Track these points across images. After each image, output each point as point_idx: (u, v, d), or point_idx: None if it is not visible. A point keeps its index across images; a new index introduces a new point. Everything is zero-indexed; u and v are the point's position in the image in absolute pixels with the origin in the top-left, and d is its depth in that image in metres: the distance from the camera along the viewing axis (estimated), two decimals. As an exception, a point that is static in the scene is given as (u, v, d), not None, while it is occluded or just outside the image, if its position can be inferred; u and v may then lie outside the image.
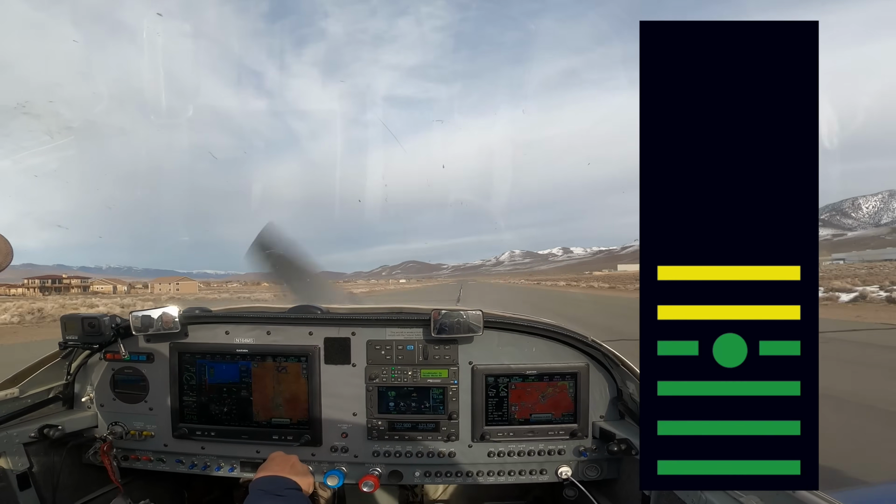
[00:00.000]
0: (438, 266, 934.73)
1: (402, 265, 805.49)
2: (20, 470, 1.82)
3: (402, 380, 2.00)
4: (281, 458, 1.53)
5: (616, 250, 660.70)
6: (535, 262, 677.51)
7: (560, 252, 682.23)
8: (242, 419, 2.02)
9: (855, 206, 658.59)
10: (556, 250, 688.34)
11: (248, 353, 2.01)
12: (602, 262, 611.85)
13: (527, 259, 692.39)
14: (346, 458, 2.00)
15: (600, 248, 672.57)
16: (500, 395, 1.98)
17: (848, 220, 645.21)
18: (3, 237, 1.42)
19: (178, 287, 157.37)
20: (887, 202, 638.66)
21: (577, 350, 1.99)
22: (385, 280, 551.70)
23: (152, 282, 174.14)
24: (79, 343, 1.96)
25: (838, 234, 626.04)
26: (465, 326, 1.87)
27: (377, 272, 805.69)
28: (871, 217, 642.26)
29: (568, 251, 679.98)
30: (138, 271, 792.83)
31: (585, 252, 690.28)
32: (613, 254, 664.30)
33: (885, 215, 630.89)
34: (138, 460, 2.10)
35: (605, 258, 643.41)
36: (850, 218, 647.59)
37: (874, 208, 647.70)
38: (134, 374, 2.08)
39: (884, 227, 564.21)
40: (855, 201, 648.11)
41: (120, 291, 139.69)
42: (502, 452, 1.98)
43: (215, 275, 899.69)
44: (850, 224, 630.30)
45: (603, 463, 1.97)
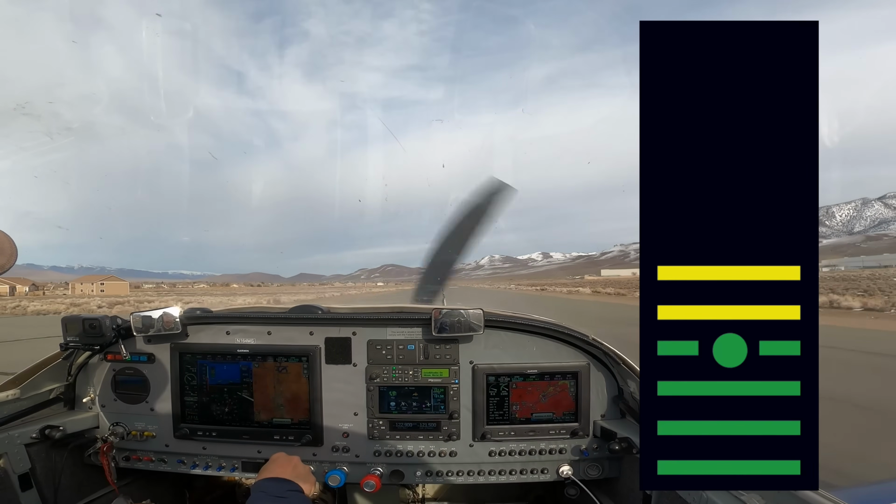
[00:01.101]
0: (417, 270, 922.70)
1: (381, 269, 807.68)
2: (22, 471, 1.82)
3: (403, 379, 2.00)
4: (283, 460, 1.54)
5: (595, 256, 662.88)
6: (514, 267, 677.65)
7: (539, 257, 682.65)
8: (243, 419, 2.02)
9: (829, 215, 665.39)
10: (536, 255, 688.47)
11: (248, 353, 2.01)
12: (582, 267, 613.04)
13: (506, 264, 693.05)
14: (348, 457, 2.00)
15: (580, 254, 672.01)
16: (501, 394, 1.98)
17: (822, 229, 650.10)
18: (8, 237, 1.42)
19: (104, 287, 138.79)
20: (860, 210, 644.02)
21: (578, 349, 2.00)
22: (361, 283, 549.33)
23: (73, 281, 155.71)
24: (80, 344, 1.96)
25: None
26: (465, 325, 1.87)
27: (356, 275, 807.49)
28: (844, 225, 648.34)
29: (548, 256, 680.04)
30: (111, 271, 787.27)
31: (565, 257, 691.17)
32: (593, 259, 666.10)
33: (858, 223, 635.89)
34: (140, 461, 2.11)
35: (585, 263, 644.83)
36: (823, 226, 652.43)
37: (847, 216, 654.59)
38: (135, 374, 2.08)
39: (858, 235, 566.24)
40: (829, 210, 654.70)
41: (20, 292, 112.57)
42: (503, 452, 1.98)
43: (191, 275, 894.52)
44: (825, 232, 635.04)
45: (604, 462, 1.98)
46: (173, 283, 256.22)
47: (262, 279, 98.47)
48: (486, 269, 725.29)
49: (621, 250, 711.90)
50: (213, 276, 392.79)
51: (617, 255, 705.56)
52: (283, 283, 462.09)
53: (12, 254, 1.42)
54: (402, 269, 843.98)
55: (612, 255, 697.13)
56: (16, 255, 1.42)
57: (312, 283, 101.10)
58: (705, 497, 1.25)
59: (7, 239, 1.42)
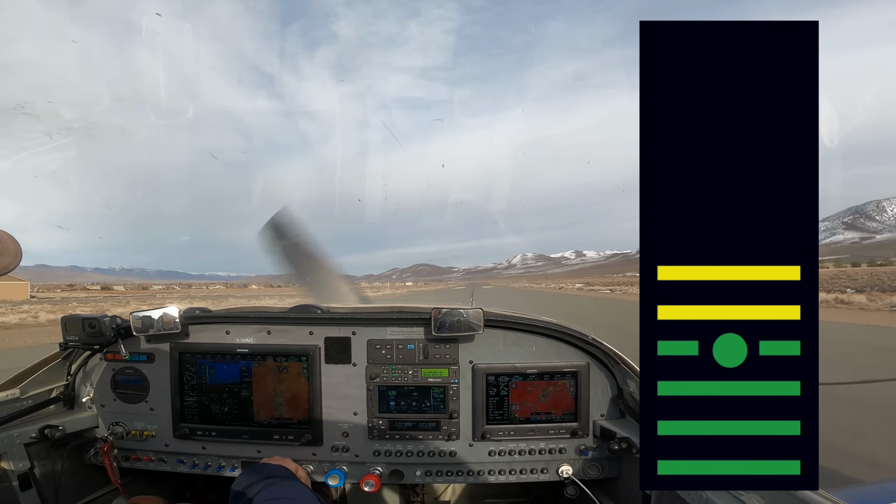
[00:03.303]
0: (449, 269, 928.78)
1: (413, 268, 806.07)
2: (21, 471, 1.82)
3: (403, 379, 2.00)
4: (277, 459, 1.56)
5: (630, 254, 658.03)
6: (547, 266, 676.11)
7: (573, 255, 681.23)
8: (243, 419, 2.02)
9: (879, 209, 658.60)
10: (569, 254, 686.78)
11: (248, 352, 2.01)
12: (617, 265, 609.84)
13: (539, 262, 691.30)
14: (347, 457, 2.01)
15: (614, 252, 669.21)
16: (501, 393, 1.98)
17: (872, 224, 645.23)
18: (12, 237, 1.43)
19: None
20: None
21: (578, 348, 2.00)
22: (392, 283, 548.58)
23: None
24: (79, 344, 1.96)
25: (866, 237, 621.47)
26: (465, 325, 1.88)
27: (387, 275, 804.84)
28: (895, 220, 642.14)
29: (581, 254, 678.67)
30: (151, 273, 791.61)
31: (599, 255, 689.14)
32: (628, 257, 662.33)
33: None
34: (139, 460, 2.11)
35: (620, 262, 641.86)
36: (874, 221, 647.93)
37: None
38: (134, 374, 2.08)
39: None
40: (879, 204, 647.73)
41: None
42: (503, 451, 1.98)
43: (227, 276, 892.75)
44: (875, 227, 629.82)
45: (604, 461, 1.98)
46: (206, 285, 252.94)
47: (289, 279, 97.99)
48: (518, 267, 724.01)
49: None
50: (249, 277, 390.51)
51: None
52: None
53: (17, 254, 1.43)
54: (434, 269, 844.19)
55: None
56: (20, 255, 1.44)
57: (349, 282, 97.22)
58: (705, 497, 1.25)
59: (11, 240, 1.43)
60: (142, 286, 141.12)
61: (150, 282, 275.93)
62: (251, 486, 1.29)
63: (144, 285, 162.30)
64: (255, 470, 1.40)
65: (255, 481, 1.31)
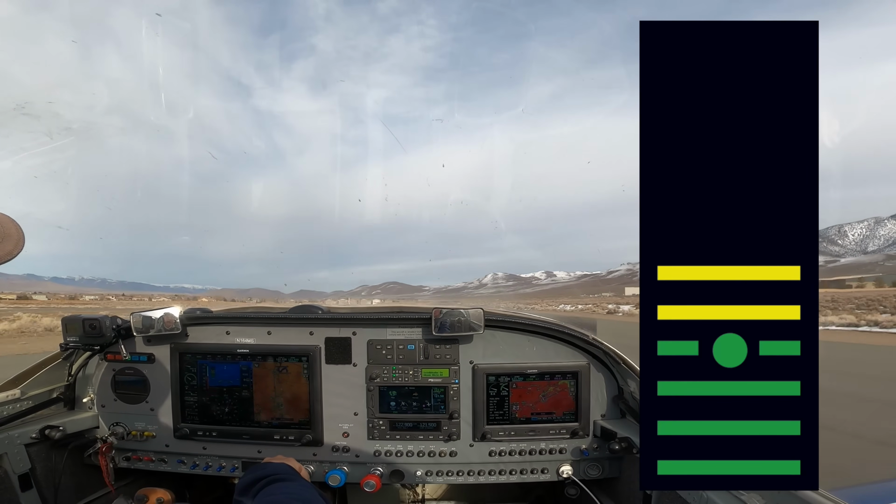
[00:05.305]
0: (420, 288, 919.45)
1: (383, 286, 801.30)
2: (22, 471, 1.82)
3: (403, 379, 2.00)
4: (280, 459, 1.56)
5: (601, 274, 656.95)
6: (518, 286, 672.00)
7: (543, 276, 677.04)
8: (243, 419, 2.02)
9: (841, 234, 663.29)
10: (539, 274, 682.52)
11: (248, 353, 2.01)
12: (588, 286, 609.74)
13: (510, 282, 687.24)
14: (348, 457, 2.00)
15: (584, 273, 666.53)
16: (501, 394, 1.98)
17: (834, 248, 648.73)
18: (15, 222, 1.32)
19: None
20: (873, 229, 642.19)
21: (578, 349, 2.00)
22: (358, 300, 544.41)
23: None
24: (80, 344, 1.97)
25: (830, 260, 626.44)
26: (465, 325, 1.88)
27: (357, 291, 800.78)
28: (857, 244, 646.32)
29: (551, 275, 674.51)
30: (112, 283, 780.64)
31: (569, 276, 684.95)
32: (599, 278, 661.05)
33: (871, 243, 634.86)
34: (140, 461, 2.11)
35: (591, 282, 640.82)
36: (836, 245, 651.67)
37: (860, 235, 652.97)
38: (135, 374, 2.08)
39: (877, 254, 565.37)
40: (841, 228, 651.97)
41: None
42: (503, 452, 1.98)
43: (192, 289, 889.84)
44: (838, 251, 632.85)
45: (604, 462, 1.98)
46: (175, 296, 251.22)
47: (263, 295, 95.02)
48: (489, 286, 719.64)
49: (629, 269, 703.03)
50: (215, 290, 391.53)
51: (625, 273, 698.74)
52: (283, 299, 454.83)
53: (19, 239, 1.31)
54: (404, 287, 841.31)
55: (620, 273, 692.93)
56: (23, 241, 1.33)
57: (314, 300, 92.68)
58: (705, 497, 1.25)
59: (13, 224, 1.32)
60: (69, 297, 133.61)
61: (110, 292, 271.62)
62: (256, 483, 1.29)
63: (74, 294, 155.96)
64: (260, 468, 1.40)
65: (259, 479, 1.31)
